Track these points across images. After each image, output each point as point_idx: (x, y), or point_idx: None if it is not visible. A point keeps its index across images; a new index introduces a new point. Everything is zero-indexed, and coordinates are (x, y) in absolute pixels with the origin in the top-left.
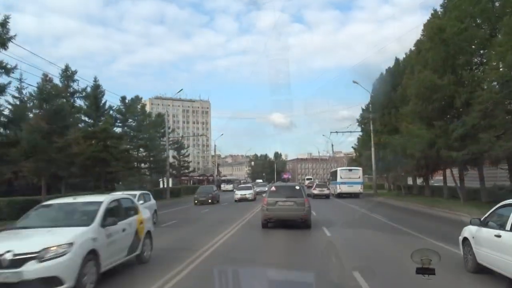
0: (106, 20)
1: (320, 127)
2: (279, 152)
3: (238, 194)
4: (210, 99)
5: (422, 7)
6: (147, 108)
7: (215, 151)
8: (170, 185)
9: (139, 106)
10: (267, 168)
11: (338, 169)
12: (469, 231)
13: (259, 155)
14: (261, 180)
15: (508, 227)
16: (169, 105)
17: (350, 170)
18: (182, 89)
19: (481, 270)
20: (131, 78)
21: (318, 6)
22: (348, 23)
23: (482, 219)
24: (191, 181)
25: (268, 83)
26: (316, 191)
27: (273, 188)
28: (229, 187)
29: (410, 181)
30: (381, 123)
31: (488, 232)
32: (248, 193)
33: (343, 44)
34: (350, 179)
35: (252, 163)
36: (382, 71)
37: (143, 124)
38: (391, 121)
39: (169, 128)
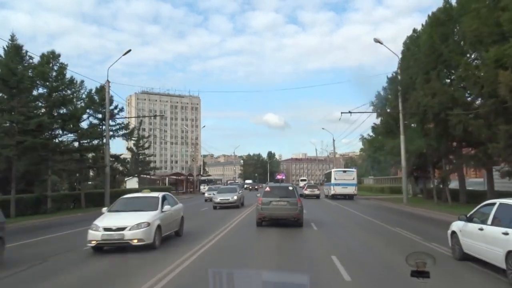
0: (100, 19)
1: (315, 127)
2: (272, 152)
3: (100, 227)
4: (204, 98)
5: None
6: (133, 104)
7: (196, 146)
8: (136, 186)
9: (55, 68)
10: (260, 168)
11: (332, 170)
12: (457, 225)
13: (251, 154)
14: (250, 181)
15: (489, 222)
16: (156, 100)
17: (345, 171)
18: (130, 50)
19: (466, 258)
20: (126, 78)
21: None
22: (343, 25)
23: (468, 215)
24: (167, 181)
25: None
26: (307, 192)
27: (267, 189)
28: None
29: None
30: (427, 93)
31: (473, 226)
32: (130, 226)
33: (338, 45)
34: (345, 181)
35: (242, 161)
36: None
37: (63, 95)
38: (445, 88)
39: (115, 107)
